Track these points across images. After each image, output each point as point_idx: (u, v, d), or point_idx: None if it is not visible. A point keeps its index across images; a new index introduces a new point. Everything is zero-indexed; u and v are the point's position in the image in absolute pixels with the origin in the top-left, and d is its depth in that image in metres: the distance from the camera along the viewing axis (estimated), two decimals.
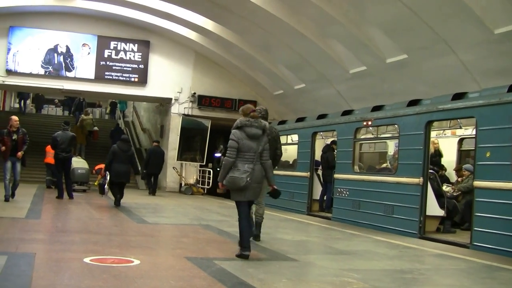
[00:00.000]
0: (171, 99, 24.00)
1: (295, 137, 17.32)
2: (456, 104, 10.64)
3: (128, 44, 23.36)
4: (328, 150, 15.63)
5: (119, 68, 23.28)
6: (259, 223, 9.28)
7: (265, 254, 8.10)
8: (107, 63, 23.19)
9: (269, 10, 16.43)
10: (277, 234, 10.73)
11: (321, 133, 16.55)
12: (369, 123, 13.28)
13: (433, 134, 12.73)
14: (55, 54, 22.70)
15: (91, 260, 6.68)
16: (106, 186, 16.05)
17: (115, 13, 21.97)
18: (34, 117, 32.45)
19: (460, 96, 10.88)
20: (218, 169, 9.94)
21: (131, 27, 23.23)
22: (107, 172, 15.24)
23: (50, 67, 22.66)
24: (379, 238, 10.60)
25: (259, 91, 24.18)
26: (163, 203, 17.29)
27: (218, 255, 7.75)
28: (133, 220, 11.83)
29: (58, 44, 22.73)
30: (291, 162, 17.69)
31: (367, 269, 7.37)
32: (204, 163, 23.91)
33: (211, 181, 22.89)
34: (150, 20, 21.96)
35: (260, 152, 7.56)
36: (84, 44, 23.05)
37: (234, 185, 7.42)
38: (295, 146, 17.09)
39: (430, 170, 12.13)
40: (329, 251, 8.99)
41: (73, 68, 22.89)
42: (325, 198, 15.64)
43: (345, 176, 13.83)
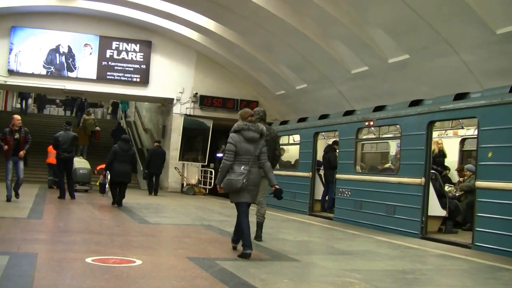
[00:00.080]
0: (173, 99, 24.01)
1: (297, 138, 17.31)
2: (458, 105, 10.63)
3: (130, 44, 23.37)
4: (330, 150, 15.63)
5: (121, 68, 23.29)
6: (261, 223, 9.30)
7: (267, 254, 8.11)
8: (109, 63, 23.20)
9: (271, 10, 16.43)
10: (279, 234, 10.73)
11: (323, 133, 16.54)
12: (371, 123, 13.27)
13: (435, 134, 12.72)
14: (57, 54, 22.70)
15: (93, 260, 6.68)
16: (107, 186, 16.10)
17: (117, 13, 21.98)
18: (36, 117, 32.45)
19: (462, 96, 10.86)
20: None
21: (133, 27, 23.25)
22: (108, 172, 15.28)
23: (52, 67, 22.67)
24: (381, 238, 10.60)
25: (261, 91, 24.18)
26: (165, 203, 17.30)
27: (220, 255, 7.75)
28: (135, 220, 11.84)
29: (60, 44, 22.73)
30: (293, 162, 17.70)
31: (368, 269, 7.37)
32: (206, 163, 23.92)
33: (212, 181, 22.87)
34: (152, 20, 21.98)
35: (257, 155, 7.70)
36: (86, 44, 23.06)
37: (231, 187, 7.56)
38: (297, 146, 17.09)
39: (432, 170, 12.14)
40: (331, 252, 8.99)
41: (75, 68, 22.90)
42: (327, 198, 15.63)
43: (347, 176, 13.81)
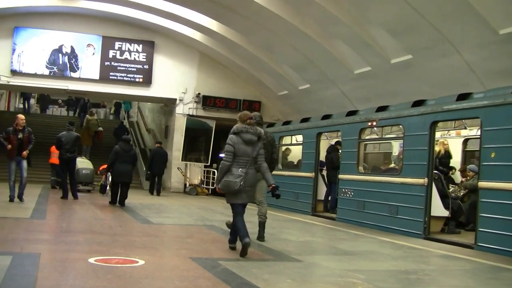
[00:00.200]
0: (175, 99, 24.03)
1: (299, 138, 17.30)
2: (461, 105, 10.61)
3: (132, 44, 23.40)
4: (333, 150, 15.61)
5: (124, 68, 23.32)
6: (263, 223, 9.34)
7: (270, 254, 8.10)
8: (112, 63, 23.24)
9: (273, 10, 16.44)
10: (282, 234, 10.72)
11: (326, 133, 16.52)
12: (374, 123, 13.26)
13: (438, 134, 12.70)
14: (60, 55, 22.75)
15: (95, 261, 6.68)
16: (107, 188, 16.17)
17: (120, 14, 22.02)
18: (39, 118, 32.48)
19: (465, 96, 10.84)
20: None
21: (135, 28, 23.28)
22: (109, 173, 15.34)
23: (54, 68, 22.71)
24: (384, 238, 10.59)
25: (263, 91, 24.18)
26: (168, 203, 17.30)
27: (222, 255, 7.74)
28: (137, 220, 11.84)
29: (62, 45, 22.78)
30: (295, 163, 17.69)
31: (371, 269, 7.36)
32: (208, 164, 23.92)
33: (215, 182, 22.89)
34: (154, 20, 22.00)
35: (255, 157, 7.95)
36: (88, 45, 23.10)
37: (229, 188, 7.80)
38: (300, 146, 17.08)
39: (439, 171, 12.13)
40: (334, 252, 8.98)
41: (78, 68, 22.94)
42: (329, 198, 15.62)
43: (350, 176, 13.80)
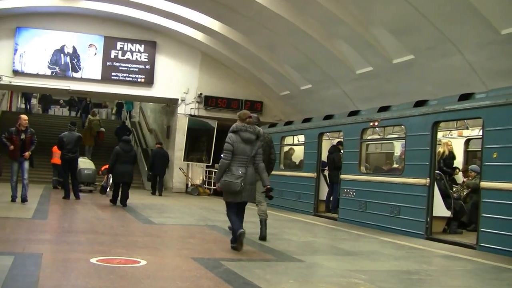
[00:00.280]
0: (177, 99, 24.04)
1: (301, 138, 17.29)
2: (463, 105, 10.60)
3: (134, 44, 23.42)
4: (335, 150, 15.60)
5: (126, 68, 23.34)
6: (264, 219, 9.43)
7: (272, 254, 8.10)
8: (114, 63, 23.25)
9: (275, 11, 16.44)
10: (284, 235, 10.72)
11: (328, 133, 16.51)
12: (376, 123, 13.25)
13: (439, 135, 12.69)
14: (62, 55, 22.76)
15: (97, 261, 6.68)
16: (108, 189, 16.21)
17: (122, 14, 22.04)
18: (41, 118, 32.48)
19: (467, 96, 10.82)
20: None
21: (137, 28, 23.29)
22: (110, 175, 15.38)
23: (56, 68, 22.73)
24: (386, 238, 10.58)
25: (265, 91, 24.18)
26: (169, 203, 17.31)
27: (224, 255, 7.74)
28: (139, 220, 11.85)
29: (64, 45, 22.80)
30: (297, 163, 17.68)
31: (373, 270, 7.36)
32: (210, 164, 23.91)
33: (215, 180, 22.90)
34: (156, 20, 22.02)
35: (253, 156, 8.13)
36: (90, 45, 23.12)
37: (230, 188, 7.99)
38: (302, 146, 17.08)
39: (443, 172, 12.11)
40: (336, 252, 8.98)
41: (80, 68, 22.95)
42: (331, 198, 15.61)
43: (352, 176, 13.79)
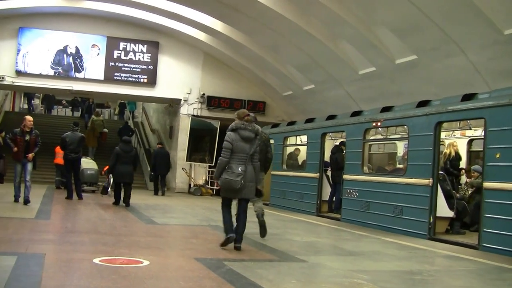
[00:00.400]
0: (180, 100, 24.05)
1: (304, 138, 17.29)
2: (466, 105, 10.59)
3: (137, 45, 23.43)
4: (337, 151, 15.58)
5: (128, 69, 23.35)
6: (261, 213, 9.65)
7: (275, 255, 8.11)
8: (116, 64, 23.27)
9: (278, 11, 16.44)
10: (286, 235, 10.73)
11: (330, 134, 16.50)
12: (379, 124, 13.24)
13: (442, 135, 12.67)
14: (65, 55, 22.79)
15: (100, 261, 6.69)
16: (109, 189, 16.24)
17: (124, 14, 22.05)
18: (43, 118, 32.48)
19: (470, 97, 10.80)
20: None
21: (140, 28, 23.30)
22: (111, 175, 15.43)
23: (59, 68, 22.75)
24: (388, 239, 10.58)
25: (268, 92, 24.18)
26: (172, 203, 17.32)
27: (227, 256, 7.74)
28: (142, 220, 11.86)
29: (67, 45, 22.82)
30: (300, 163, 17.67)
31: (376, 270, 7.36)
32: (213, 164, 23.87)
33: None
34: (159, 21, 22.03)
35: (252, 154, 8.26)
36: (93, 45, 23.14)
37: (230, 186, 8.13)
38: (304, 147, 17.07)
39: (444, 172, 12.10)
40: (338, 252, 8.98)
41: (83, 69, 22.98)
42: (334, 199, 15.61)
43: (354, 177, 13.78)
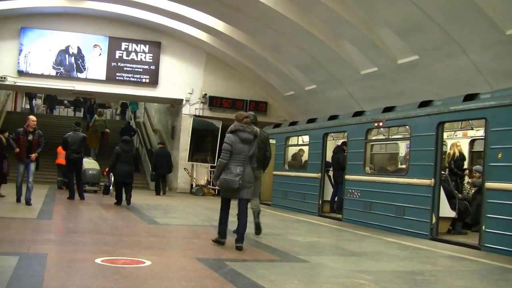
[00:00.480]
0: (182, 100, 24.05)
1: (306, 138, 17.28)
2: (468, 105, 10.58)
3: (139, 45, 23.44)
4: (339, 151, 15.58)
5: (130, 69, 23.36)
6: (257, 212, 9.88)
7: (276, 255, 8.11)
8: (118, 64, 23.28)
9: (280, 11, 16.44)
10: (288, 235, 10.73)
11: (332, 134, 16.48)
12: (381, 124, 13.23)
13: (444, 135, 12.65)
14: (67, 55, 22.80)
15: (102, 261, 6.70)
16: (111, 188, 16.25)
17: (126, 14, 22.06)
18: (45, 118, 32.48)
19: (472, 97, 10.79)
20: None
21: (142, 28, 23.32)
22: (111, 174, 15.45)
23: (61, 68, 22.77)
24: (390, 239, 10.57)
25: (270, 92, 24.18)
26: (174, 204, 17.32)
27: (229, 256, 7.74)
28: (144, 221, 11.86)
29: (69, 45, 22.84)
30: (302, 163, 17.67)
31: (378, 270, 7.35)
32: (215, 164, 23.86)
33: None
34: (161, 21, 22.04)
35: (250, 156, 8.41)
36: (95, 45, 23.15)
37: (229, 186, 8.27)
38: (306, 147, 17.06)
39: (449, 173, 12.09)
40: (340, 252, 8.97)
41: (85, 69, 22.99)
42: (336, 199, 15.60)
43: (356, 177, 13.78)
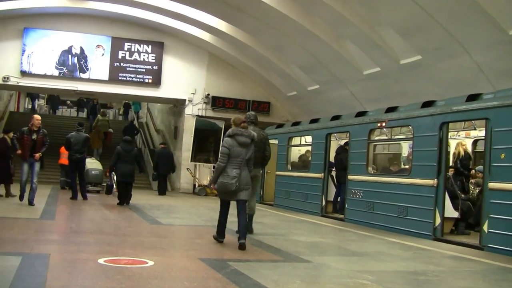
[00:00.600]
0: (185, 100, 24.05)
1: (309, 139, 17.27)
2: (471, 106, 10.56)
3: (142, 45, 23.44)
4: (342, 151, 15.56)
5: (133, 69, 23.36)
6: (251, 215, 10.19)
7: (279, 255, 8.11)
8: (121, 64, 23.28)
9: (283, 11, 16.42)
10: (291, 235, 10.73)
11: (335, 134, 16.48)
12: (383, 124, 13.22)
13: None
14: (69, 56, 22.81)
15: (105, 261, 6.70)
16: (114, 187, 16.27)
17: (129, 14, 22.06)
18: (48, 118, 32.48)
19: (475, 97, 10.78)
20: None
21: (145, 28, 23.31)
22: (113, 173, 15.48)
23: (64, 69, 22.78)
24: (393, 239, 10.56)
25: (272, 92, 24.17)
26: (177, 204, 17.33)
27: (232, 256, 7.75)
28: (146, 221, 11.87)
29: (72, 46, 22.84)
30: (307, 164, 17.64)
31: (380, 270, 7.35)
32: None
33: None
34: (163, 21, 22.03)
35: (248, 159, 8.60)
36: (98, 46, 23.15)
37: (226, 189, 8.50)
38: (309, 147, 17.05)
39: (453, 172, 12.08)
40: (343, 253, 8.97)
41: (87, 69, 23.01)
42: (338, 199, 15.59)
43: (359, 177, 13.77)
